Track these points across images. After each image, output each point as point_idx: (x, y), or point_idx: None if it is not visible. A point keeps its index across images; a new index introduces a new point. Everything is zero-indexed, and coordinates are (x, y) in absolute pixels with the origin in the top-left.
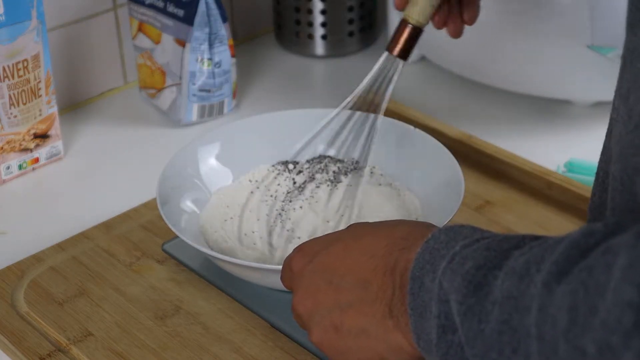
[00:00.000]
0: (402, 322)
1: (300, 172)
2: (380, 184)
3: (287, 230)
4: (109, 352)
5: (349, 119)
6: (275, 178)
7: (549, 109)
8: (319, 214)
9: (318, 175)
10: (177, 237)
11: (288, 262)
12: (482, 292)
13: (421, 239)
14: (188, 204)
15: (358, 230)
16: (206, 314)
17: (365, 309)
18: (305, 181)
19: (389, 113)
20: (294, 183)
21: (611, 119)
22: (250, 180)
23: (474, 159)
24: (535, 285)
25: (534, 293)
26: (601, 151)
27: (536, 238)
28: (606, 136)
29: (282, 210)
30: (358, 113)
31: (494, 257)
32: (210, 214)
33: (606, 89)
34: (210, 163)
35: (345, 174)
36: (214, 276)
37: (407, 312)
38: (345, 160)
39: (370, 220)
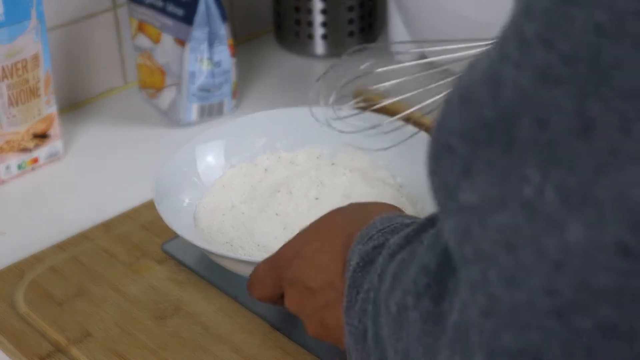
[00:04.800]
0: None
1: (295, 164)
2: (375, 181)
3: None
4: (109, 352)
5: None
6: (267, 170)
7: None
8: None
9: (313, 171)
10: (176, 236)
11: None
12: (368, 267)
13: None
14: (186, 202)
15: (330, 228)
16: (206, 314)
17: (338, 306)
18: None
19: (388, 113)
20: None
21: None
22: (245, 175)
23: None
24: (383, 257)
25: (380, 261)
26: None
27: (407, 225)
28: None
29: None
30: None
31: (384, 240)
32: (207, 210)
33: None
34: (207, 161)
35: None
36: (214, 276)
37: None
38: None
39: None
